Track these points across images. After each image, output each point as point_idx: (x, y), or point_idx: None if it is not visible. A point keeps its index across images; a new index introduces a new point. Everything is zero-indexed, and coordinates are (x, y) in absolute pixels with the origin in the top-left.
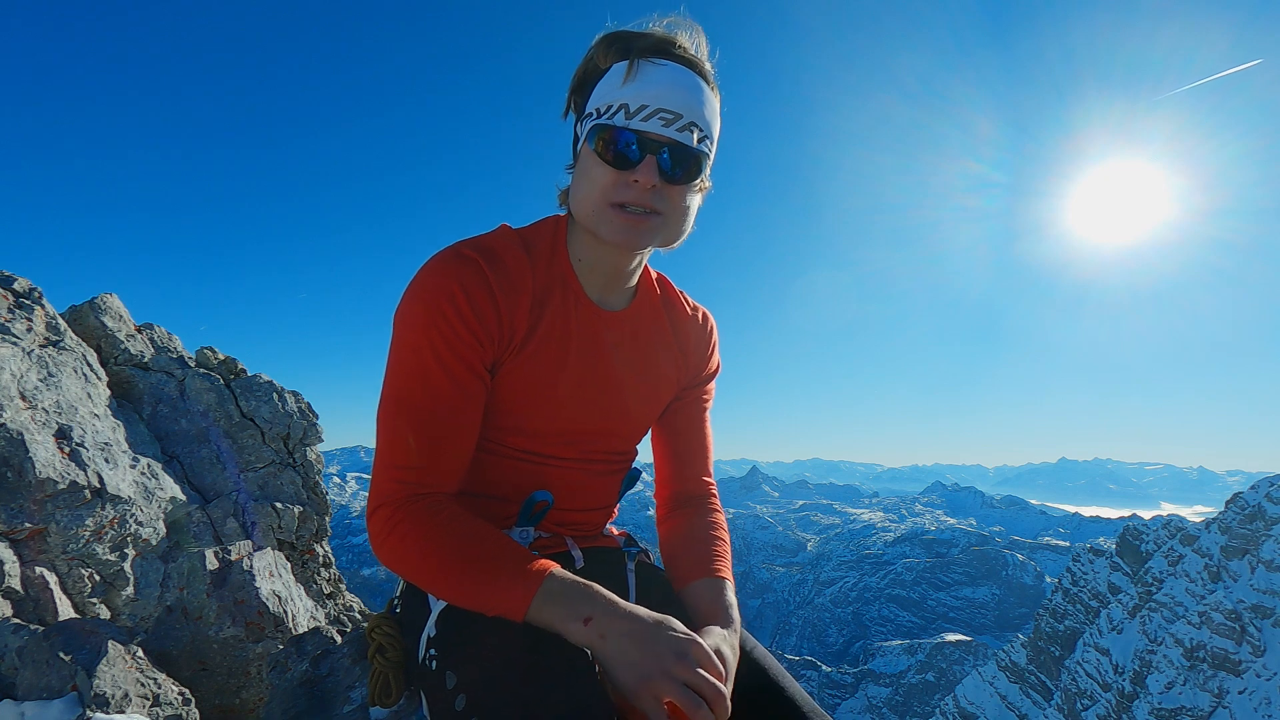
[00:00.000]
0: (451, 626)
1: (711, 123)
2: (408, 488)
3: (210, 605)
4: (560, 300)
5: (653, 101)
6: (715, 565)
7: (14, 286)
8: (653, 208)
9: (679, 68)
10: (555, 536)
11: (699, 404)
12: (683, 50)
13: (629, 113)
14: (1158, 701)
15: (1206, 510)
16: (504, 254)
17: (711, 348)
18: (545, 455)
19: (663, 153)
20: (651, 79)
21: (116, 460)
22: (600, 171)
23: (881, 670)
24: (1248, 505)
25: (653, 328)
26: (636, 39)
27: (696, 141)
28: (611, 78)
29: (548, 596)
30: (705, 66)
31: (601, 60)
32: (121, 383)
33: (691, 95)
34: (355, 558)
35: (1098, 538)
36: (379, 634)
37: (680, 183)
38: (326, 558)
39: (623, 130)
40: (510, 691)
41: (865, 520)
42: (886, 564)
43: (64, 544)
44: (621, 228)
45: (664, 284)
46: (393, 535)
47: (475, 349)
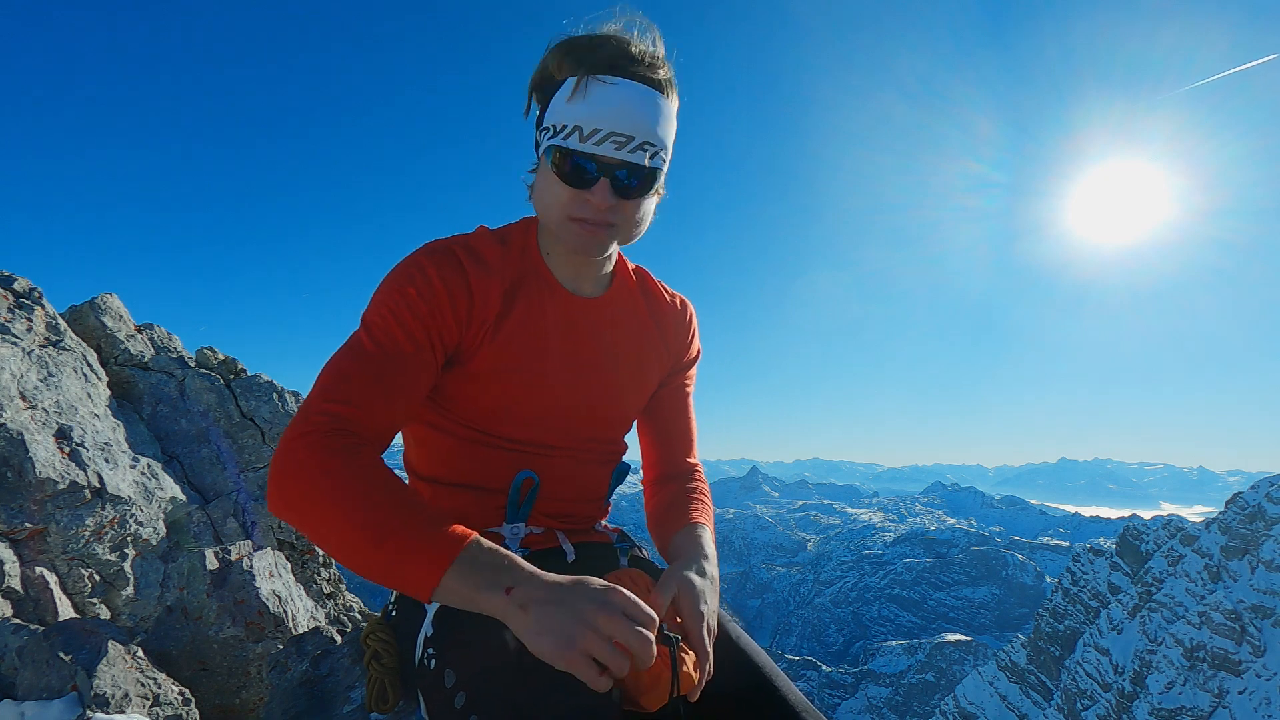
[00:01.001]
0: (449, 625)
1: (666, 135)
2: (336, 421)
3: (210, 605)
4: (535, 287)
5: (604, 125)
6: (690, 516)
7: (14, 286)
8: (608, 221)
9: (631, 86)
10: (547, 532)
11: (681, 390)
12: (635, 65)
13: (582, 135)
14: (1158, 701)
15: (1206, 510)
16: (479, 244)
17: (691, 333)
18: (534, 444)
19: (616, 173)
20: (602, 100)
21: (116, 460)
22: (558, 189)
23: (881, 670)
24: (1248, 505)
25: (631, 314)
26: (588, 52)
27: (649, 159)
28: (564, 93)
29: (469, 563)
30: (659, 76)
31: (556, 71)
32: (121, 383)
33: (643, 114)
34: None
35: (1098, 538)
36: (373, 640)
37: (634, 198)
38: (326, 558)
39: (576, 154)
40: (510, 688)
41: (865, 520)
42: (886, 564)
43: (64, 544)
44: (580, 239)
45: (641, 274)
46: (301, 471)
47: (439, 321)
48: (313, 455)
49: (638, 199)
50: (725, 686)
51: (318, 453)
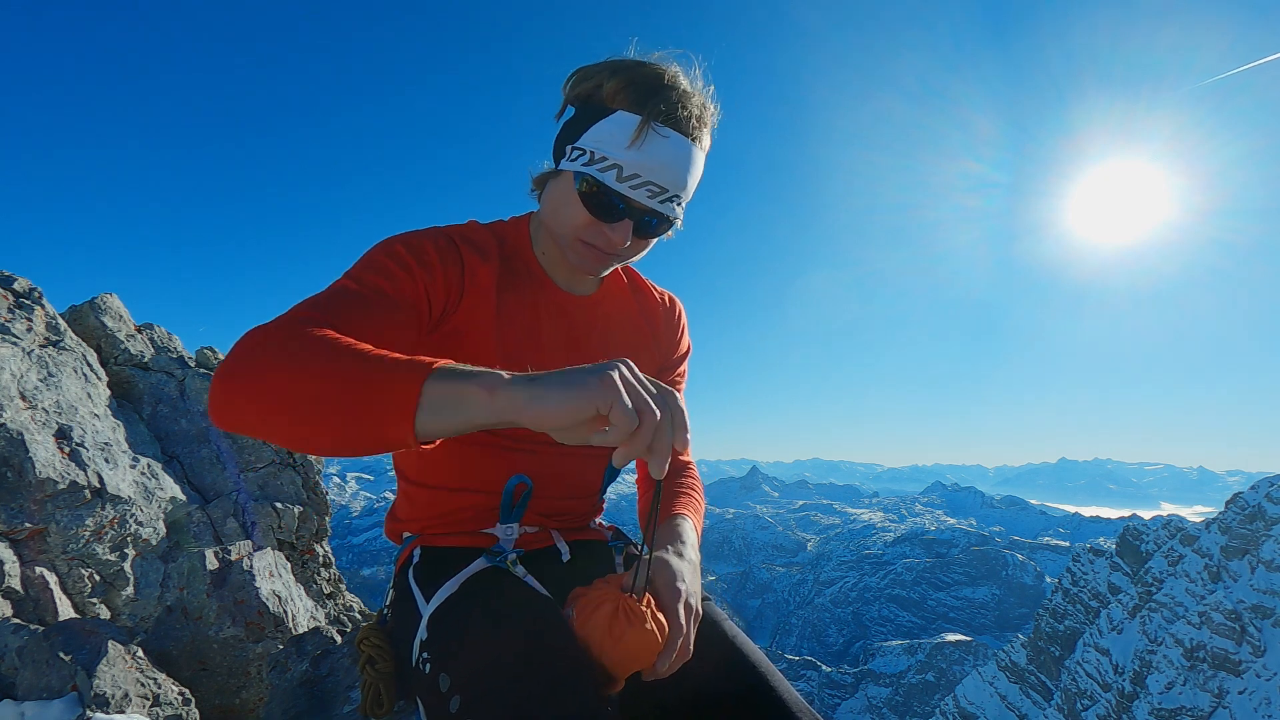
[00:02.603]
0: (443, 628)
1: (693, 185)
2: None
3: (210, 605)
4: (526, 282)
5: (647, 174)
6: (673, 508)
7: (14, 286)
8: (618, 254)
9: (681, 141)
10: (541, 530)
11: (674, 386)
12: (690, 120)
13: (621, 175)
14: (1158, 702)
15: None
16: (470, 230)
17: (680, 330)
18: (524, 438)
19: (644, 218)
20: (653, 152)
21: (116, 460)
22: (577, 211)
23: (881, 670)
24: (1248, 505)
25: (622, 312)
26: (651, 95)
27: (676, 207)
28: (615, 126)
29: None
30: (706, 129)
31: (610, 96)
32: (121, 383)
33: (684, 170)
34: (355, 558)
35: (1098, 538)
36: (368, 645)
37: (648, 238)
38: (326, 558)
39: (610, 190)
40: (505, 691)
41: (865, 520)
42: (886, 564)
43: (64, 544)
44: (586, 260)
45: (630, 272)
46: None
47: (427, 279)
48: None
49: (654, 238)
50: (722, 687)
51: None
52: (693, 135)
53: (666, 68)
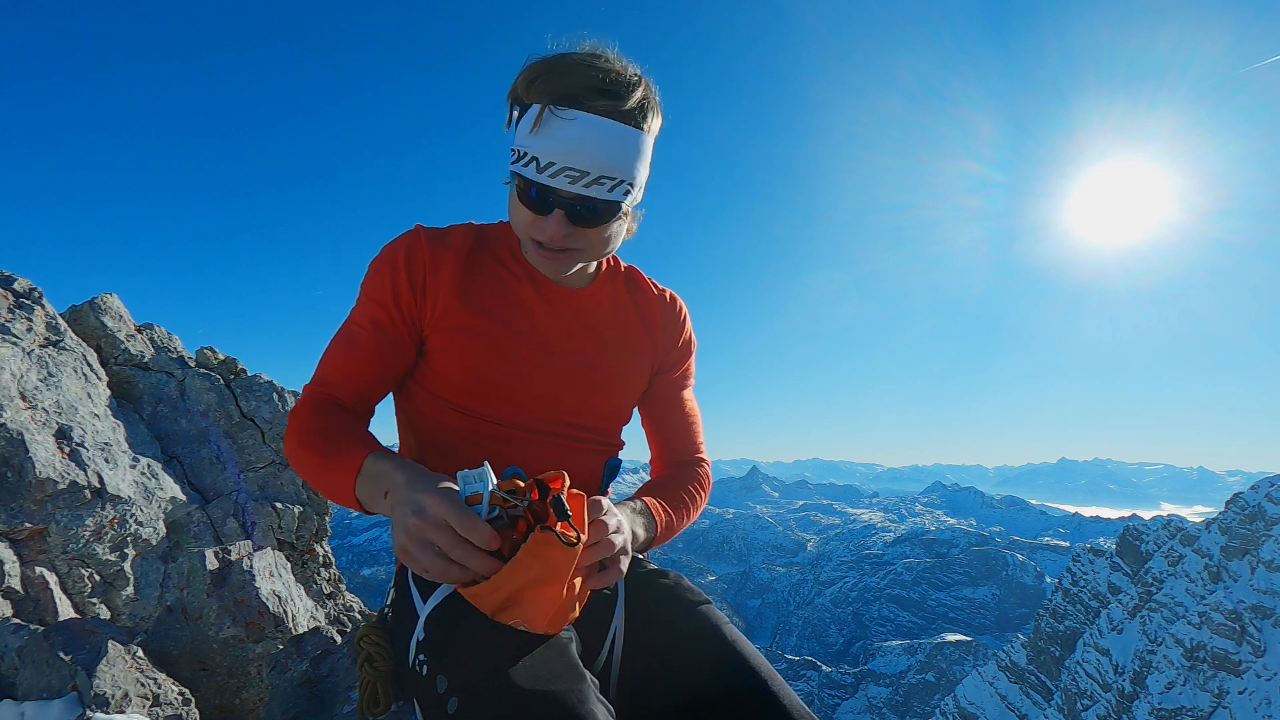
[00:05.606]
0: (440, 630)
1: (630, 165)
2: (317, 397)
3: (210, 605)
4: (511, 274)
5: (559, 159)
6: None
7: (14, 286)
8: (567, 247)
9: (588, 120)
10: None
11: (679, 383)
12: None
13: (539, 166)
14: (1158, 702)
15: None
16: (450, 229)
17: (682, 326)
18: (515, 425)
19: (571, 206)
20: (558, 135)
21: (116, 460)
22: (521, 210)
23: (881, 670)
24: (1248, 505)
25: (615, 306)
26: (549, 80)
27: (609, 192)
28: (528, 119)
29: (365, 476)
30: (626, 105)
31: (524, 93)
32: (121, 383)
33: (602, 148)
34: (355, 558)
35: (1098, 538)
36: (367, 643)
37: (592, 227)
38: (326, 558)
39: (532, 183)
40: (502, 693)
41: (865, 520)
42: (886, 564)
43: (64, 544)
44: (542, 261)
45: (630, 270)
46: (288, 433)
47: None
48: (294, 419)
49: (600, 226)
50: (721, 689)
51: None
52: (603, 111)
53: (570, 53)
